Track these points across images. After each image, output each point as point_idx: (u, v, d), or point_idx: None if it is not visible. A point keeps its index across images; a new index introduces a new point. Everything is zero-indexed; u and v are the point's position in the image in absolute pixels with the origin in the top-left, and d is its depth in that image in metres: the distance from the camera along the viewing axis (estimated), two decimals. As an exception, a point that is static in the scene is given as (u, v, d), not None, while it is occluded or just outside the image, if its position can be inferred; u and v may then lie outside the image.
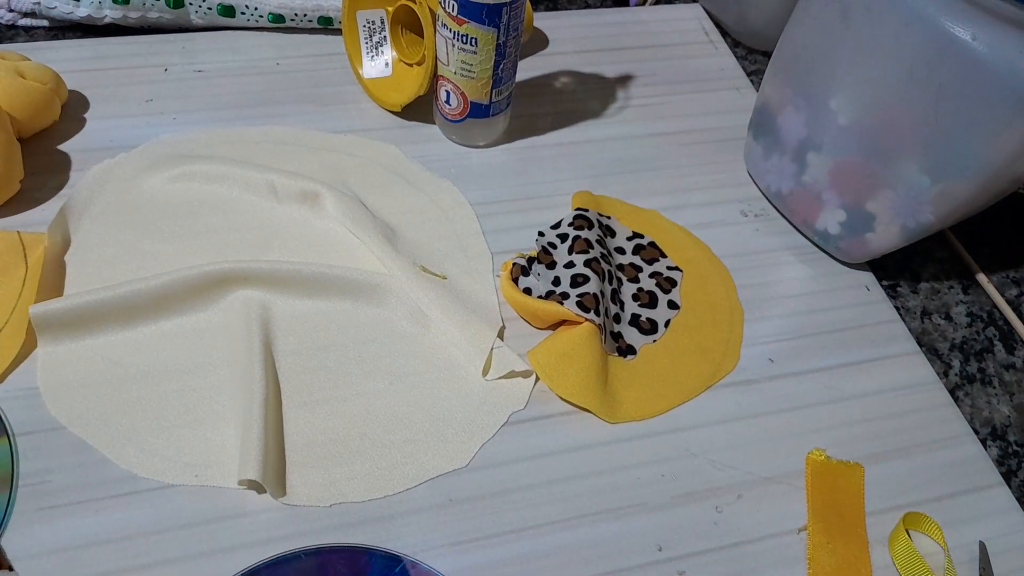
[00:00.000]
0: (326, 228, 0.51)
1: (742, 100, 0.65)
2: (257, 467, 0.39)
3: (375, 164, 0.55)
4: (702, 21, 0.72)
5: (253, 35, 0.63)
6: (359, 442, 0.42)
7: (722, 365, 0.48)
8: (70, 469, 0.40)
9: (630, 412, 0.45)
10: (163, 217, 0.50)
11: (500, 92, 0.54)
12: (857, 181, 0.49)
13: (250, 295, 0.47)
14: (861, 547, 0.42)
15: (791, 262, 0.55)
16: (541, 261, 0.50)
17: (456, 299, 0.47)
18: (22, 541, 0.37)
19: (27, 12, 0.60)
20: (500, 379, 0.46)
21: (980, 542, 0.43)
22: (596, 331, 0.46)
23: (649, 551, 0.41)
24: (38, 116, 0.51)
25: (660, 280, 0.52)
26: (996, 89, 0.40)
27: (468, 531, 0.40)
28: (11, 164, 0.48)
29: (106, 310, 0.44)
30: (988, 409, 0.50)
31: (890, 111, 0.45)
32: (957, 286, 0.56)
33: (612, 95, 0.64)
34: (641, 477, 0.43)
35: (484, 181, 0.56)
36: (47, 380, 0.42)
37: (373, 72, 0.59)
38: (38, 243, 0.47)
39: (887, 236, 0.50)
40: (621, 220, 0.55)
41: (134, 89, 0.58)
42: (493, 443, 0.43)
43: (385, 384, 0.45)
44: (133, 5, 0.59)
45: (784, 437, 0.46)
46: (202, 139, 0.55)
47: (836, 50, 0.47)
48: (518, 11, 0.49)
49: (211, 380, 0.44)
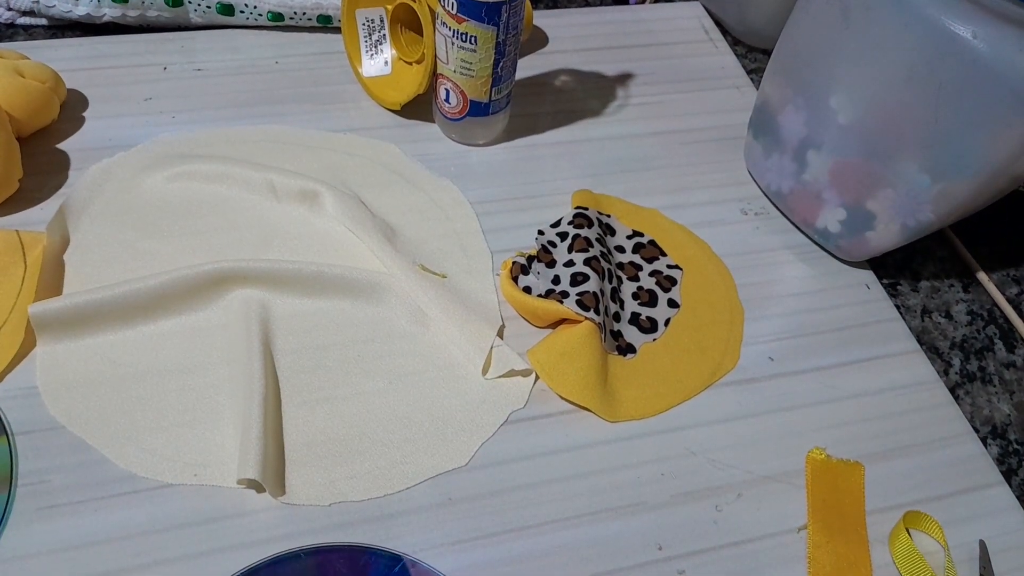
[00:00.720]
0: (326, 227, 0.51)
1: (742, 99, 0.65)
2: (256, 466, 0.39)
3: (374, 163, 0.55)
4: (702, 19, 0.72)
5: (252, 34, 0.63)
6: (359, 441, 0.42)
7: (722, 364, 0.48)
8: (69, 469, 0.40)
9: (630, 411, 0.45)
10: (162, 216, 0.50)
11: (500, 91, 0.54)
12: (857, 180, 0.49)
13: (249, 294, 0.47)
14: (861, 546, 0.42)
15: (791, 261, 0.55)
16: (541, 260, 0.50)
17: (456, 298, 0.47)
18: (21, 541, 0.37)
19: (26, 10, 0.60)
20: (500, 378, 0.46)
21: (980, 541, 0.43)
22: (596, 330, 0.46)
23: (649, 550, 0.41)
24: (37, 115, 0.51)
25: (660, 279, 0.52)
26: (996, 89, 0.40)
27: (468, 530, 0.40)
28: (10, 163, 0.48)
29: (105, 309, 0.44)
30: (988, 408, 0.50)
31: (890, 110, 0.45)
32: (957, 284, 0.56)
33: (612, 94, 0.64)
34: (641, 476, 0.43)
35: (484, 180, 0.56)
36: (46, 379, 0.42)
37: (372, 70, 0.59)
38: (37, 242, 0.47)
39: (887, 235, 0.50)
40: (621, 219, 0.55)
41: (133, 88, 0.57)
42: (493, 442, 0.43)
43: (385, 383, 0.45)
44: (132, 4, 0.59)
45: (784, 436, 0.46)
46: (201, 138, 0.55)
47: (836, 49, 0.47)
48: (518, 9, 0.49)
49: (210, 379, 0.44)
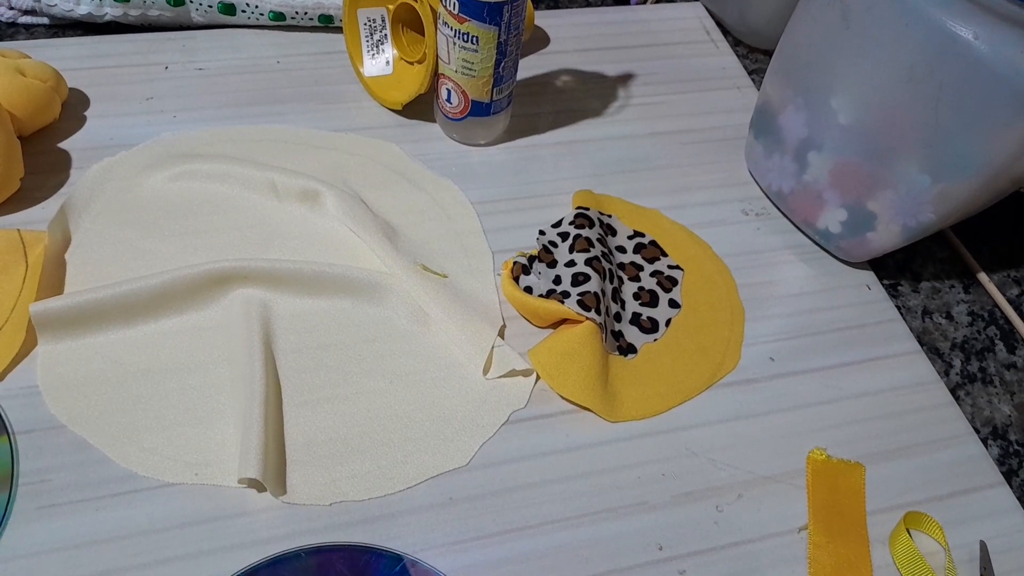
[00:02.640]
0: (327, 227, 0.51)
1: (743, 99, 0.65)
2: (257, 465, 0.39)
3: (376, 163, 0.55)
4: (703, 20, 0.72)
5: (254, 33, 0.63)
6: (359, 441, 0.42)
7: (723, 364, 0.48)
8: (70, 468, 0.40)
9: (631, 411, 0.45)
10: (163, 216, 0.50)
11: (501, 90, 0.54)
12: (858, 180, 0.49)
13: (250, 294, 0.47)
14: (862, 546, 0.42)
15: (792, 261, 0.55)
16: (542, 260, 0.50)
17: (457, 298, 0.47)
18: (22, 540, 0.37)
19: (27, 10, 0.60)
20: (501, 378, 0.46)
21: (981, 541, 0.43)
22: (597, 330, 0.46)
23: (649, 550, 0.41)
24: (38, 114, 0.51)
25: (661, 279, 0.52)
26: (996, 89, 0.40)
27: (468, 530, 0.40)
28: (11, 162, 0.48)
29: (106, 308, 0.44)
30: (989, 408, 0.50)
31: (891, 111, 0.45)
32: (958, 285, 0.56)
33: (613, 94, 0.64)
34: (641, 476, 0.43)
35: (485, 180, 0.56)
36: (47, 378, 0.42)
37: (374, 70, 0.59)
38: (38, 241, 0.47)
39: (888, 235, 0.50)
40: (622, 219, 0.55)
41: (134, 87, 0.57)
42: (493, 442, 0.43)
43: (385, 383, 0.45)
44: (133, 3, 0.59)
45: (785, 436, 0.46)
46: (202, 137, 0.55)
47: (837, 49, 0.47)
48: (519, 9, 0.49)
49: (211, 379, 0.44)
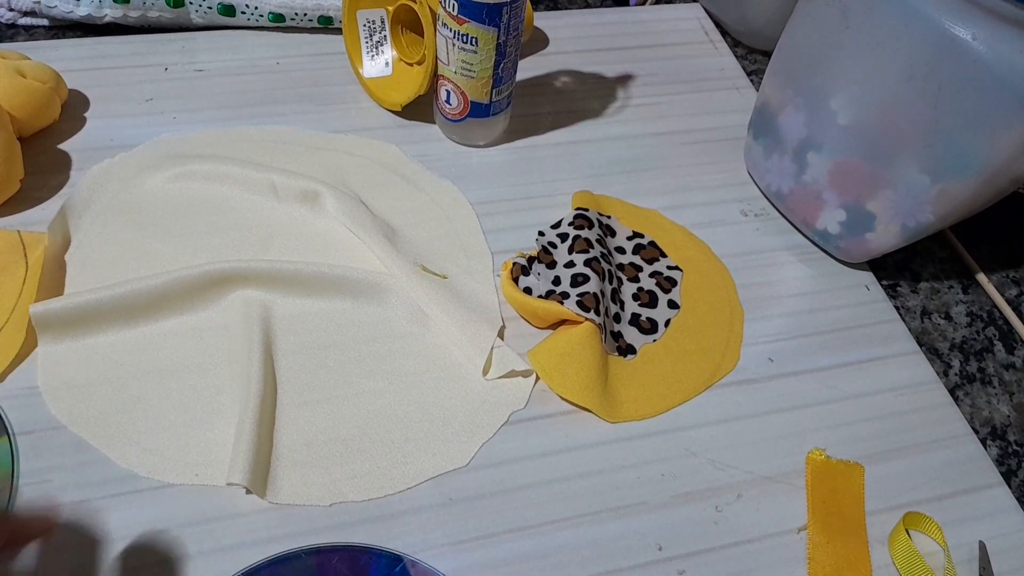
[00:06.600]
0: (326, 227, 0.51)
1: (742, 100, 0.65)
2: (245, 472, 0.39)
3: (375, 163, 0.55)
4: (702, 21, 0.72)
5: (253, 34, 0.63)
6: (359, 441, 0.42)
7: (722, 365, 0.48)
8: (70, 468, 0.40)
9: (630, 411, 0.45)
10: (163, 216, 0.50)
11: (500, 92, 0.54)
12: (857, 181, 0.49)
13: (250, 294, 0.47)
14: (861, 547, 0.42)
15: (791, 262, 0.55)
16: (541, 260, 0.50)
17: (456, 298, 0.47)
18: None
19: (27, 11, 0.60)
20: (500, 378, 0.46)
21: (980, 542, 0.43)
22: (596, 331, 0.46)
23: (649, 550, 0.41)
24: (38, 115, 0.51)
25: (660, 280, 0.52)
26: (996, 89, 0.40)
27: (468, 530, 0.40)
28: (11, 163, 0.48)
29: (106, 309, 0.44)
30: (988, 409, 0.50)
31: (890, 111, 0.45)
32: (957, 286, 0.56)
33: (612, 95, 0.64)
34: (641, 476, 0.43)
35: (484, 181, 0.56)
36: (47, 379, 0.42)
37: (373, 71, 0.59)
38: (38, 242, 0.47)
39: (887, 236, 0.50)
40: (621, 220, 0.55)
41: (134, 88, 0.57)
42: (493, 442, 0.43)
43: (385, 383, 0.45)
44: (133, 4, 0.59)
45: (784, 437, 0.46)
46: (202, 138, 0.55)
47: (836, 50, 0.47)
48: (518, 11, 0.49)
49: (211, 379, 0.44)
